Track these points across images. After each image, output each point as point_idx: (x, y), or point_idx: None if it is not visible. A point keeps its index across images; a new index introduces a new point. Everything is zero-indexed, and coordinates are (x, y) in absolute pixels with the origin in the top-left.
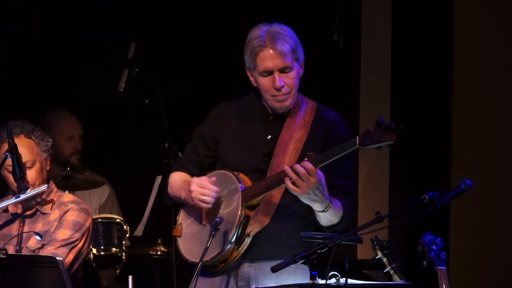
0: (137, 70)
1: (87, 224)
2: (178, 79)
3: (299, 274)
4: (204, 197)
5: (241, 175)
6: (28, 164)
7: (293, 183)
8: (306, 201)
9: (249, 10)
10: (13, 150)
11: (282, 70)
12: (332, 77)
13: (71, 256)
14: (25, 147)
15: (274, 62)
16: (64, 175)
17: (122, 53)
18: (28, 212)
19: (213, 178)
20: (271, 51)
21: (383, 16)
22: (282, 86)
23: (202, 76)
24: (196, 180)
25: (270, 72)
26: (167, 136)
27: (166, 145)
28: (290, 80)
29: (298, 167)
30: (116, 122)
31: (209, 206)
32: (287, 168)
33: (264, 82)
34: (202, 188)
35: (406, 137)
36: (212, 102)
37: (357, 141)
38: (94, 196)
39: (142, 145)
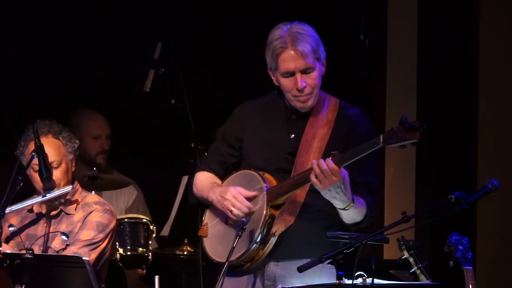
0: (163, 70)
1: (111, 225)
2: (204, 79)
3: (324, 273)
4: (233, 208)
5: (266, 175)
6: (54, 164)
7: (317, 178)
8: (327, 197)
9: (274, 10)
10: (40, 150)
11: (304, 71)
12: (358, 76)
13: (93, 256)
14: (52, 147)
15: (296, 63)
16: (90, 175)
17: (149, 54)
18: (53, 213)
19: (253, 193)
20: (292, 52)
21: (409, 15)
22: (304, 87)
23: (228, 76)
24: (233, 190)
25: (291, 73)
26: (193, 136)
27: (192, 145)
28: (312, 80)
29: (322, 163)
30: (143, 123)
31: (235, 219)
32: (314, 162)
33: (286, 83)
34: (235, 200)
35: (432, 136)
36: (238, 102)
37: (381, 139)
38: (121, 197)
39: (169, 145)
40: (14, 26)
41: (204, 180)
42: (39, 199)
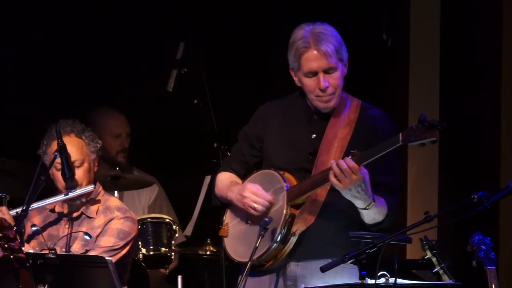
0: (186, 70)
1: (133, 233)
2: (227, 79)
3: (345, 273)
4: (255, 205)
5: (286, 174)
6: (76, 164)
7: (336, 178)
8: (348, 196)
9: (297, 9)
10: (62, 150)
11: (327, 71)
12: (380, 76)
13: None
14: (75, 146)
15: (319, 63)
16: (113, 175)
17: (171, 53)
18: (74, 214)
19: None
20: (316, 52)
21: (432, 14)
22: (327, 87)
23: (250, 76)
24: (250, 186)
25: (314, 73)
26: (216, 136)
27: (215, 145)
28: (334, 80)
29: (341, 162)
30: (166, 122)
31: (259, 214)
32: (333, 162)
33: (309, 83)
34: (255, 196)
35: (455, 136)
36: (261, 102)
37: (400, 138)
38: (143, 195)
39: (191, 145)
40: (35, 25)
41: (224, 180)
42: (61, 197)
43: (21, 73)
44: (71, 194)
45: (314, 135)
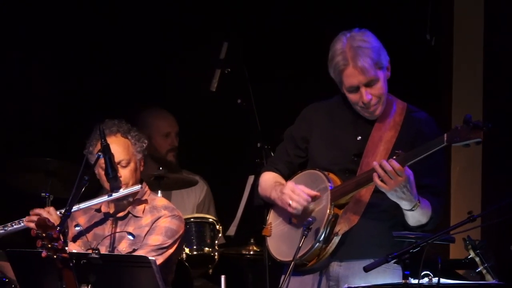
0: (229, 70)
1: (180, 231)
2: (270, 79)
3: (388, 274)
4: (290, 201)
5: (331, 175)
6: (123, 163)
7: (381, 180)
8: (393, 198)
9: (340, 9)
10: (106, 150)
11: (368, 84)
12: (424, 76)
13: (160, 260)
14: (121, 146)
15: (359, 78)
16: (156, 175)
17: (215, 53)
18: (120, 214)
19: (315, 192)
20: (354, 69)
21: (476, 14)
22: (370, 99)
23: (294, 75)
24: (290, 184)
25: (356, 88)
26: (259, 135)
27: (259, 144)
28: (377, 91)
29: (385, 164)
30: (209, 122)
31: (295, 212)
32: (375, 164)
33: (352, 97)
34: (293, 193)
35: (499, 136)
36: (304, 102)
37: (445, 138)
38: (192, 194)
39: (235, 145)
40: (80, 24)
41: (268, 180)
42: (105, 198)
43: (68, 74)
44: (115, 195)
45: (360, 137)
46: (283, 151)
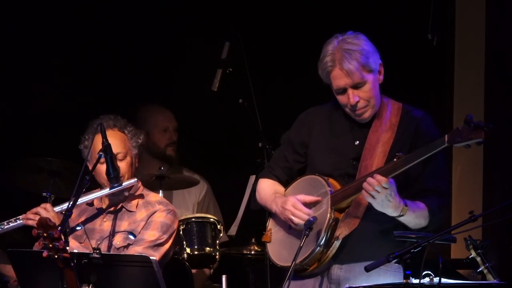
0: (231, 69)
1: (175, 226)
2: (271, 78)
3: (389, 275)
4: (293, 218)
5: (331, 180)
6: (119, 156)
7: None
8: (379, 208)
9: (343, 9)
10: (107, 150)
11: (355, 86)
12: (426, 76)
13: (158, 257)
14: (118, 139)
15: (345, 80)
16: (157, 175)
17: (216, 53)
18: (113, 208)
19: (315, 198)
20: (340, 71)
21: (477, 14)
22: (357, 101)
23: (295, 75)
24: (292, 199)
25: (343, 90)
26: (260, 135)
27: (260, 144)
28: (365, 93)
29: (372, 181)
30: (211, 122)
31: (297, 228)
32: (365, 184)
33: (341, 99)
34: (294, 209)
35: (500, 136)
36: (305, 102)
37: (446, 139)
38: (193, 192)
39: (236, 145)
40: (81, 24)
41: (266, 189)
42: (106, 191)
43: (69, 74)
44: (117, 188)
45: (357, 142)
46: (281, 157)
